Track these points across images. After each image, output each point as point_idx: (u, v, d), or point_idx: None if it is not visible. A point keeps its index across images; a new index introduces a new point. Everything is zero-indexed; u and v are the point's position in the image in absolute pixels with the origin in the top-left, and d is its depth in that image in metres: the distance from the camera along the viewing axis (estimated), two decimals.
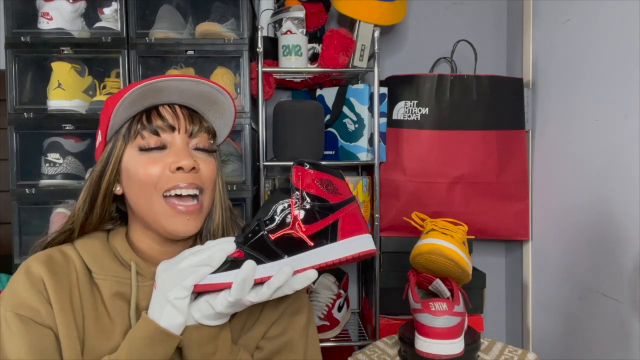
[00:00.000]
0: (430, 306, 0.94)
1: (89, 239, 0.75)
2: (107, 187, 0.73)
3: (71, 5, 1.36)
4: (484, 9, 1.74)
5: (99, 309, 0.71)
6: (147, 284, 0.73)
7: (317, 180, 0.68)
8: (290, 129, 1.38)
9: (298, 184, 0.68)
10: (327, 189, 0.68)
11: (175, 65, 1.41)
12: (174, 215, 0.70)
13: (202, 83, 0.71)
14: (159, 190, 0.69)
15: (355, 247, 0.68)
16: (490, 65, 1.68)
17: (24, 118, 1.34)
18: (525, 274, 1.55)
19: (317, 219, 0.67)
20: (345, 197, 0.70)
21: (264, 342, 0.75)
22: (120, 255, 0.74)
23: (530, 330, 1.52)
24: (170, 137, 0.71)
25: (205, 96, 0.73)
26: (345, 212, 0.68)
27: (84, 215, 0.74)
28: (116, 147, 0.72)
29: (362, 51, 1.43)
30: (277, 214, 0.67)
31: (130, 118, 0.72)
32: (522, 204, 1.50)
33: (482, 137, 1.47)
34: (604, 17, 1.17)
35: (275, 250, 0.66)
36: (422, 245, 1.10)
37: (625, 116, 1.09)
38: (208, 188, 0.74)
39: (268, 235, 0.66)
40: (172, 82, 0.70)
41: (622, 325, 1.09)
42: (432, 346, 0.94)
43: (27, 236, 1.38)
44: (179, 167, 0.69)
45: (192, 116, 0.74)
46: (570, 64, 1.31)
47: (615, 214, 1.12)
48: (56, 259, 0.72)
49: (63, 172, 1.37)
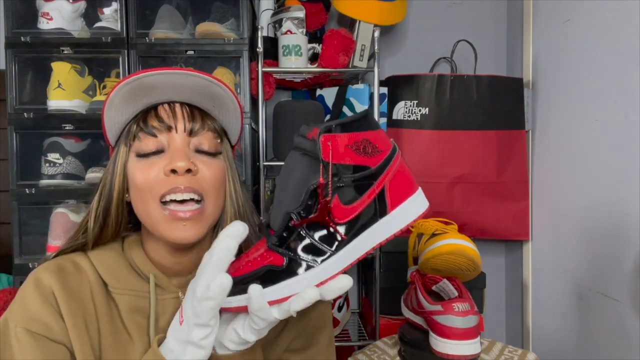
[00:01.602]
0: (454, 307, 0.93)
1: (104, 250, 0.70)
2: (118, 196, 0.68)
3: (71, 5, 1.36)
4: (484, 9, 1.74)
5: (115, 323, 0.67)
6: (166, 297, 0.69)
7: (351, 145, 0.55)
8: (290, 129, 1.38)
9: (329, 157, 0.54)
10: (365, 151, 0.55)
11: (175, 65, 1.41)
12: (171, 221, 0.64)
13: (192, 75, 0.64)
14: (155, 196, 0.63)
15: (410, 213, 0.57)
16: (490, 65, 1.68)
17: (24, 118, 1.34)
18: (525, 274, 1.55)
19: (361, 193, 0.55)
20: (386, 152, 0.57)
21: (287, 355, 0.72)
22: (138, 267, 0.69)
23: (530, 330, 1.52)
24: (168, 138, 0.65)
25: (203, 90, 0.67)
26: (390, 173, 0.56)
27: (99, 229, 0.69)
28: (120, 153, 0.68)
29: (362, 51, 1.43)
30: (310, 201, 0.55)
31: (130, 120, 0.68)
32: (522, 204, 1.50)
33: (482, 137, 1.47)
34: (604, 17, 1.17)
35: (319, 247, 0.55)
36: (442, 246, 1.08)
37: (625, 116, 1.09)
38: (211, 193, 0.66)
39: (307, 231, 0.55)
40: (158, 76, 0.64)
41: (622, 325, 1.09)
42: (456, 347, 0.93)
43: (27, 236, 1.38)
44: (173, 170, 0.63)
45: (194, 114, 0.68)
46: (570, 64, 1.31)
47: (616, 214, 1.12)
48: (68, 270, 0.67)
49: (63, 172, 1.37)
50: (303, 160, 0.57)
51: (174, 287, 0.70)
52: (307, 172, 0.55)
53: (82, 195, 1.36)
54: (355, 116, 0.58)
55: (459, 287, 1.02)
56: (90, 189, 1.35)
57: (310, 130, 0.56)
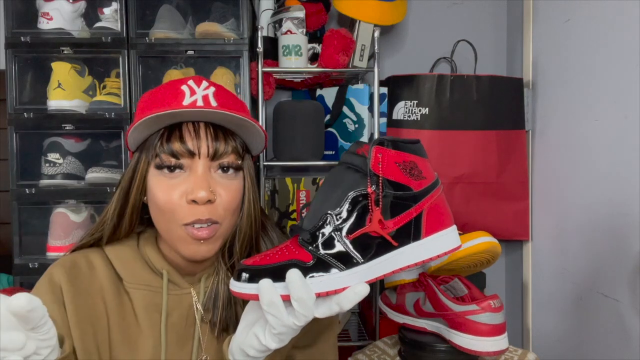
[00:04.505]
0: (491, 304, 0.93)
1: (120, 246, 0.74)
2: (134, 201, 0.71)
3: (71, 5, 1.36)
4: (484, 9, 1.74)
5: (127, 318, 0.71)
6: (179, 293, 0.73)
7: (400, 163, 0.56)
8: (290, 129, 1.38)
9: (378, 169, 0.55)
10: (411, 173, 0.56)
11: (175, 65, 1.41)
12: (191, 241, 0.67)
13: (220, 113, 0.65)
14: (178, 222, 0.66)
15: (441, 245, 0.57)
16: (490, 65, 1.68)
17: (24, 118, 1.34)
18: (525, 274, 1.55)
19: (399, 212, 0.55)
20: (430, 181, 0.58)
21: (294, 351, 0.73)
22: (152, 263, 0.73)
23: (530, 330, 1.52)
24: (189, 161, 0.67)
25: (229, 120, 0.68)
26: (430, 201, 0.57)
27: (112, 227, 0.72)
28: (140, 162, 0.69)
29: (362, 51, 1.43)
30: (350, 207, 0.55)
31: (154, 132, 0.68)
32: (522, 204, 1.50)
33: (482, 137, 1.47)
34: (604, 17, 1.17)
35: (350, 253, 0.54)
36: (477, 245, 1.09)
37: (625, 116, 1.09)
38: (227, 216, 0.68)
39: (342, 235, 0.55)
40: (186, 112, 0.65)
41: (622, 325, 1.09)
42: (497, 343, 0.93)
43: (27, 236, 1.38)
44: (194, 200, 0.65)
45: (218, 135, 0.67)
46: (570, 64, 1.31)
47: (615, 214, 1.12)
48: (80, 266, 0.71)
49: (63, 172, 1.37)
50: (349, 173, 0.57)
51: (186, 283, 0.74)
52: (352, 184, 0.56)
53: (82, 195, 1.36)
54: (407, 139, 0.59)
55: (467, 284, 1.03)
56: (90, 189, 1.36)
57: (360, 146, 0.58)
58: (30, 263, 1.34)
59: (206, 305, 0.73)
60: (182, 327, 0.72)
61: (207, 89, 0.68)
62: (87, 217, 1.40)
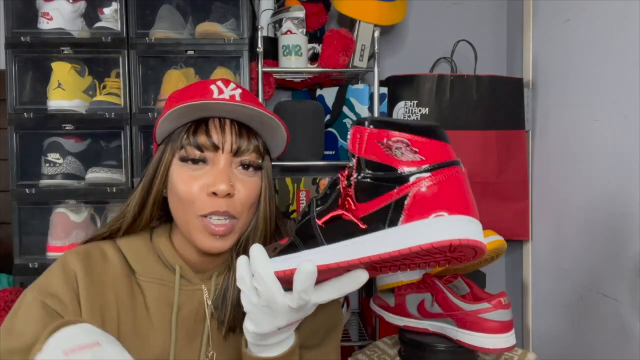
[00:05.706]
0: (502, 301, 0.94)
1: (134, 239, 0.75)
2: (156, 193, 0.72)
3: (71, 5, 1.36)
4: (484, 9, 1.74)
5: (138, 310, 0.71)
6: (190, 289, 0.73)
7: (382, 141, 0.50)
8: (290, 129, 1.37)
9: (355, 149, 0.51)
10: (396, 152, 0.49)
11: (175, 65, 1.41)
12: (205, 232, 0.69)
13: (247, 108, 0.68)
14: (196, 212, 0.68)
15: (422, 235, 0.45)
16: (490, 65, 1.68)
17: (24, 118, 1.34)
18: (525, 274, 1.55)
19: (377, 194, 0.49)
20: (430, 161, 0.49)
21: (301, 351, 0.73)
22: (165, 258, 0.74)
23: (530, 330, 1.52)
24: (213, 155, 0.69)
25: (255, 117, 0.71)
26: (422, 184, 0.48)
27: (132, 217, 0.73)
28: (166, 154, 0.71)
29: (362, 51, 1.43)
30: (329, 190, 0.54)
31: (181, 125, 0.71)
32: (522, 204, 1.50)
33: (482, 137, 1.47)
34: (604, 17, 1.17)
35: (316, 236, 0.53)
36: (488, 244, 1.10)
37: (625, 116, 1.09)
38: (244, 212, 0.71)
39: (314, 218, 0.53)
40: (218, 104, 0.68)
41: (622, 325, 1.09)
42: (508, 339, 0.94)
43: (27, 236, 1.38)
44: (214, 192, 0.67)
45: (242, 132, 0.70)
46: (570, 64, 1.31)
47: (615, 214, 1.12)
48: (94, 256, 0.72)
49: (63, 172, 1.37)
50: None
51: (198, 280, 0.74)
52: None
53: (82, 196, 1.36)
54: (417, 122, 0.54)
55: (468, 283, 1.03)
56: (90, 189, 1.36)
57: None
58: (30, 263, 1.34)
59: (216, 302, 0.74)
60: (191, 322, 0.73)
61: (234, 89, 0.71)
62: (87, 217, 1.40)
